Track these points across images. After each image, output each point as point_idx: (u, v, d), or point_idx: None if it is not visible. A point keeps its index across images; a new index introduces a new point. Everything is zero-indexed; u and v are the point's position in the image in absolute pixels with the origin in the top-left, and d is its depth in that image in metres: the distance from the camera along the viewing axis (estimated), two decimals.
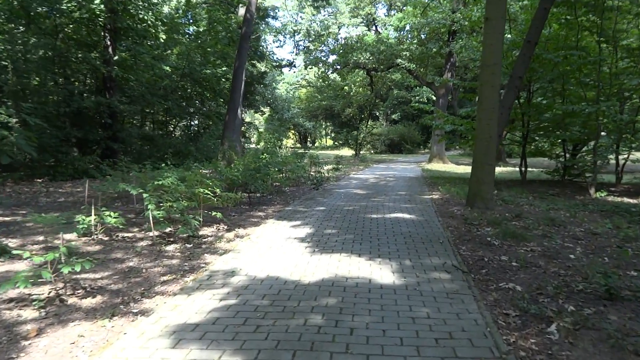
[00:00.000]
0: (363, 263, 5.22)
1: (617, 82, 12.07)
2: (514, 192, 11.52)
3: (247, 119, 54.87)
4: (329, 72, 41.64)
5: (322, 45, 38.16)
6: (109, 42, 15.88)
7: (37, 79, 13.91)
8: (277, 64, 44.82)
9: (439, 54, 27.35)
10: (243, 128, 32.75)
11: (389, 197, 11.17)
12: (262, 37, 37.66)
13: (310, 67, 40.22)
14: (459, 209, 8.98)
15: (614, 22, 11.93)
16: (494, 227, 7.21)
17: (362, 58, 30.76)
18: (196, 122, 28.82)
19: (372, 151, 42.56)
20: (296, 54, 48.04)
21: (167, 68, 15.93)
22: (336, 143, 52.17)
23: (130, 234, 6.94)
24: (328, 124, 59.80)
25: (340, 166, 21.02)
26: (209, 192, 7.15)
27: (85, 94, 15.80)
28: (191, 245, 6.29)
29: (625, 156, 13.47)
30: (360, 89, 44.31)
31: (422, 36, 29.43)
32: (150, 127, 23.97)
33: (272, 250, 5.86)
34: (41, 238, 6.50)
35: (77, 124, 14.79)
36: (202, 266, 5.24)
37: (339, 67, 37.91)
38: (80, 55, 14.55)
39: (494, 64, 8.50)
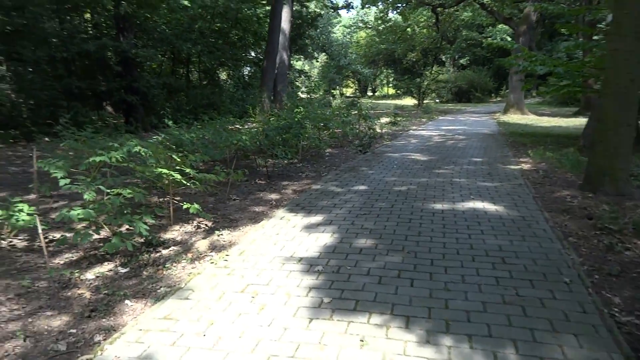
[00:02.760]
0: (413, 356, 2.45)
1: None
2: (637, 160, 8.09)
3: (306, 67, 51.69)
4: (390, 12, 37.41)
5: None
6: None
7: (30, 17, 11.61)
8: (334, 5, 40.99)
9: None
10: (294, 76, 29.80)
11: (460, 167, 8.12)
12: None
13: (368, 6, 36.18)
14: (573, 194, 5.84)
15: None
16: None
17: None
18: (242, 70, 26.27)
19: (437, 100, 38.42)
20: None
21: (186, 2, 13.25)
22: (398, 92, 48.05)
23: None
24: (389, 71, 55.33)
25: (398, 119, 17.83)
26: (173, 174, 4.53)
27: (87, 36, 13.39)
28: (126, 269, 3.75)
29: None
30: (425, 30, 39.71)
31: None
32: (190, 77, 21.64)
33: (244, 297, 3.19)
34: None
35: (82, 72, 12.59)
36: (93, 342, 2.68)
37: (400, 5, 33.71)
38: None
39: None
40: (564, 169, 7.54)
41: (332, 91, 40.76)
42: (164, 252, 4.17)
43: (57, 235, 4.47)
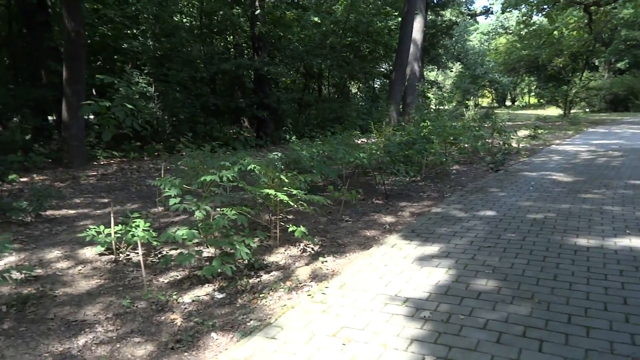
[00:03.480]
0: None
1: None
2: None
3: (440, 78, 50.12)
4: (534, 15, 34.69)
5: None
6: None
7: (177, 42, 12.71)
8: (472, 12, 39.23)
9: None
10: (425, 87, 28.94)
11: (614, 191, 6.89)
12: None
13: (509, 10, 33.94)
14: None
15: None
16: None
17: None
18: (373, 83, 26.19)
19: (587, 110, 34.47)
20: None
21: (316, 19, 13.48)
22: (541, 101, 44.20)
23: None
24: (531, 78, 51.23)
25: (539, 132, 16.13)
26: (279, 195, 4.35)
27: (227, 56, 14.27)
28: (223, 295, 3.64)
29: None
30: (574, 33, 35.99)
31: None
32: (322, 91, 22.11)
33: (335, 343, 2.81)
34: (56, 253, 4.56)
35: (220, 90, 13.43)
36: None
37: (547, 7, 31.06)
38: (221, 12, 12.98)
39: None
40: None
41: (466, 102, 38.87)
42: (265, 276, 4.01)
43: (172, 251, 4.56)
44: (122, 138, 11.59)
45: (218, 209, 4.28)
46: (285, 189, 4.62)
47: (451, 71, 47.93)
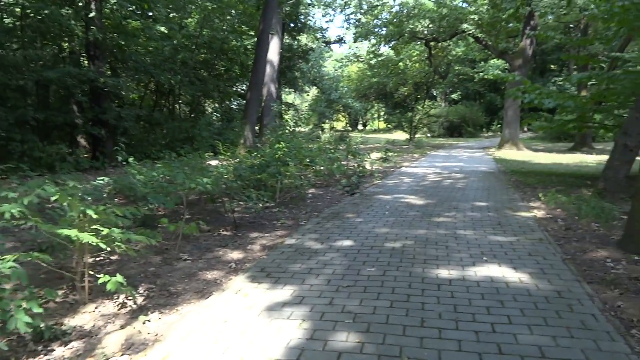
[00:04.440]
0: None
1: None
2: None
3: (297, 101, 50.91)
4: (382, 46, 37.08)
5: (375, 19, 33.51)
6: None
7: None
8: (326, 39, 40.66)
9: (514, 17, 22.20)
10: (281, 109, 28.83)
11: (463, 213, 6.93)
12: (310, 12, 33.46)
13: (360, 40, 35.81)
14: (613, 255, 4.64)
15: None
16: None
17: (419, 26, 26.12)
18: (230, 103, 25.28)
19: (429, 135, 37.69)
20: (346, 29, 43.43)
21: (163, 29, 12.31)
22: (389, 126, 47.47)
23: None
24: (380, 104, 54.89)
25: (390, 154, 16.69)
26: (80, 236, 3.27)
27: (61, 65, 12.24)
28: None
29: None
30: (417, 65, 39.34)
31: None
32: (174, 109, 20.55)
33: None
34: None
35: (43, 102, 11.41)
36: None
37: (393, 40, 33.32)
38: (46, 12, 11.08)
39: None
40: (586, 218, 6.36)
41: (322, 125, 39.97)
42: (58, 351, 2.90)
43: None
44: None
45: None
46: (94, 227, 3.54)
47: (307, 95, 49.13)
